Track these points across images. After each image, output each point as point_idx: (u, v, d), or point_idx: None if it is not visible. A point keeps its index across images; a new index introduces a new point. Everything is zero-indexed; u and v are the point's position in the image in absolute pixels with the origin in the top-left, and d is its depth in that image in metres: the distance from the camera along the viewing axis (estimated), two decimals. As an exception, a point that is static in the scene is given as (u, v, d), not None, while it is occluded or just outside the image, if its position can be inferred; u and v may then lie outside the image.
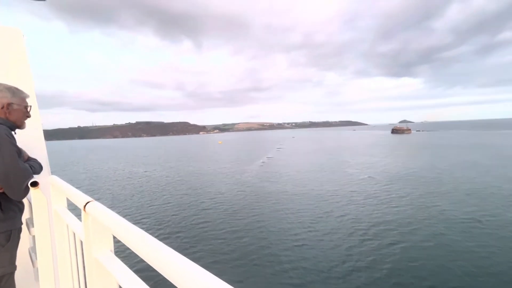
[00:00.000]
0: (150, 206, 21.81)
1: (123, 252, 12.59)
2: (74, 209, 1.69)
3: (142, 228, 0.87)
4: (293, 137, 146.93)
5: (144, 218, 18.98)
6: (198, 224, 17.19)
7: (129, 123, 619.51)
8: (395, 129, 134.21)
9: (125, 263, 1.08)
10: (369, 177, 28.41)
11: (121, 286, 0.98)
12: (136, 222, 17.10)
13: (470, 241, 13.00)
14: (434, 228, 14.71)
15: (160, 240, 0.75)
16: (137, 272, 1.01)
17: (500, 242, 12.79)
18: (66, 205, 1.90)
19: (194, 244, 14.53)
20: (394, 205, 18.82)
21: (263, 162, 45.47)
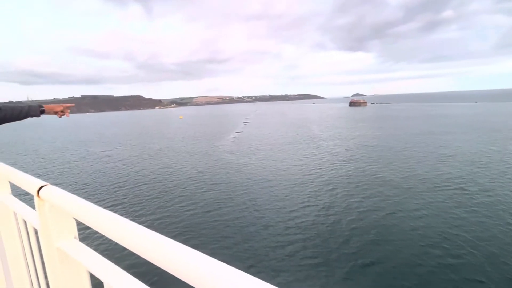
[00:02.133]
0: (118, 190, 19.16)
1: (89, 238, 10.95)
2: (22, 195, 1.39)
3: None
4: (256, 111, 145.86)
5: (113, 203, 16.50)
6: (181, 207, 15.39)
7: (73, 97, 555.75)
8: (353, 102, 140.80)
9: (94, 249, 0.99)
10: (346, 149, 28.67)
11: (92, 273, 0.93)
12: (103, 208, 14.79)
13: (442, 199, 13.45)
14: (423, 195, 14.93)
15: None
16: (108, 257, 0.92)
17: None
18: (10, 191, 1.65)
19: (182, 228, 12.88)
20: (377, 175, 18.95)
21: (234, 137, 43.75)
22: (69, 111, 2.28)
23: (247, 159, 26.94)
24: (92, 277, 0.98)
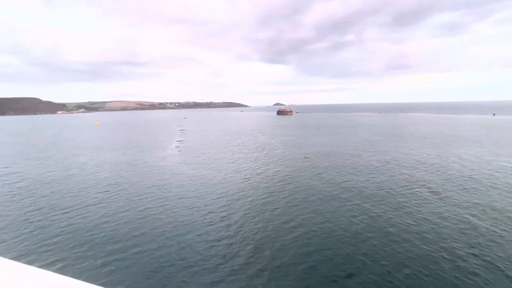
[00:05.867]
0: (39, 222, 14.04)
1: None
2: None
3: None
4: (185, 118, 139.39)
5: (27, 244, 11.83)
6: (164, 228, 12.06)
7: None
8: (280, 111, 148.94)
9: None
10: (305, 157, 28.89)
11: None
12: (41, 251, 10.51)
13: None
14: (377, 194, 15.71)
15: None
16: None
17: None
18: None
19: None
20: (346, 181, 19.36)
21: (177, 146, 39.58)
22: None
23: (205, 170, 24.16)
24: None
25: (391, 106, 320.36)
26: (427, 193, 17.10)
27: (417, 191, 17.55)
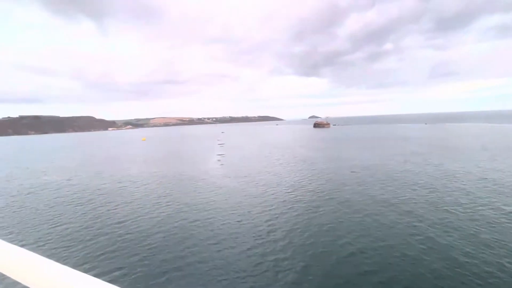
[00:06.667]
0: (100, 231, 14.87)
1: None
2: None
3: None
4: (222, 132, 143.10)
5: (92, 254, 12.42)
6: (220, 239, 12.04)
7: (8, 117, 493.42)
8: (317, 124, 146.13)
9: None
10: (351, 172, 27.53)
11: None
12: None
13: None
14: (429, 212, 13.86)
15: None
16: None
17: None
18: None
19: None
20: (398, 197, 17.76)
21: (218, 160, 40.46)
22: None
23: (248, 183, 24.10)
24: None
25: (436, 116, 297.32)
26: (502, 217, 14.92)
27: (485, 213, 15.48)
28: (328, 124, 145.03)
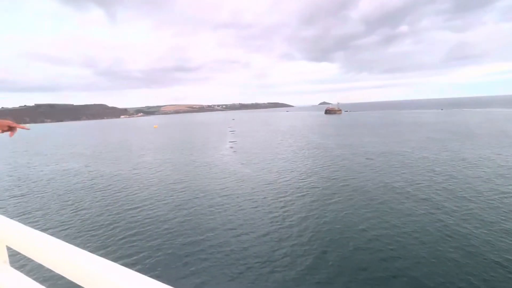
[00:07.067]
0: (135, 214, 15.33)
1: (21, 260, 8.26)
2: None
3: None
4: (233, 119, 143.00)
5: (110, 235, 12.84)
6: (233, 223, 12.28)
7: (25, 106, 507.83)
8: (328, 110, 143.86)
9: (27, 274, 0.90)
10: (366, 158, 27.15)
11: None
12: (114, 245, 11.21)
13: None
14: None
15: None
16: (44, 282, 0.85)
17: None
18: None
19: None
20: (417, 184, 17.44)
21: (231, 147, 40.63)
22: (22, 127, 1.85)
23: (261, 169, 24.18)
24: None
25: (455, 101, 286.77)
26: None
27: (506, 201, 15.04)
28: (340, 110, 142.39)
